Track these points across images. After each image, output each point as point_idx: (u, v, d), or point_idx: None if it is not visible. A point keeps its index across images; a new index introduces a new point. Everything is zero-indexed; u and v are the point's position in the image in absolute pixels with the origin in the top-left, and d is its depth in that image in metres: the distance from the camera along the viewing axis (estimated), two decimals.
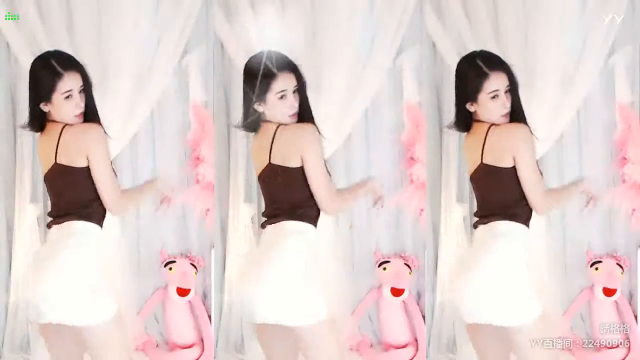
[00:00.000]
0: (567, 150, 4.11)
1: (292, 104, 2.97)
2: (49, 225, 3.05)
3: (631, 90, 4.07)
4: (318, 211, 3.04)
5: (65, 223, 3.00)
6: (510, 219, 3.05)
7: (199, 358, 4.08)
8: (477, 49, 3.90)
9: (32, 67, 3.02)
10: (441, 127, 4.10)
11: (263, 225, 3.08)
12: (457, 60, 4.00)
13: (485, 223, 3.09)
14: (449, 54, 4.02)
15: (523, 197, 3.05)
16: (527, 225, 3.09)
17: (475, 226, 3.15)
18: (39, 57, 3.06)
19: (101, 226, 3.04)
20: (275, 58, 3.02)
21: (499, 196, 3.06)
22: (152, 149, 4.13)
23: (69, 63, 3.00)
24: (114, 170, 3.05)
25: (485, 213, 3.10)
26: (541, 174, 3.08)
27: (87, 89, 3.01)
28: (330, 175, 3.06)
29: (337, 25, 4.01)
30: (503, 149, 3.00)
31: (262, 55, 3.02)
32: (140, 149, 4.11)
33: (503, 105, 3.01)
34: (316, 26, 4.04)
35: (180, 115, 4.12)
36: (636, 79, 4.06)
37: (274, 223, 3.03)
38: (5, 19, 3.96)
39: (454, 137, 3.98)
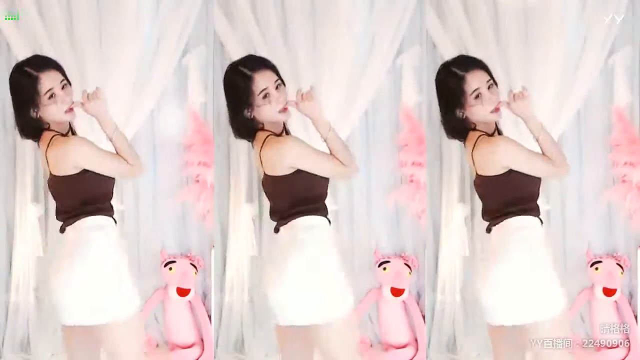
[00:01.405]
0: (567, 150, 4.10)
1: (277, 100, 2.97)
2: (62, 229, 3.04)
3: (630, 90, 4.07)
4: (324, 206, 3.05)
5: (77, 222, 2.99)
6: (522, 214, 3.04)
7: (199, 358, 4.08)
8: (477, 49, 3.94)
9: (10, 80, 3.01)
10: (441, 127, 4.09)
11: (276, 230, 3.08)
12: None
13: (497, 224, 3.08)
14: (449, 54, 4.02)
15: (526, 196, 3.05)
16: (540, 220, 3.08)
17: (488, 230, 3.14)
18: (13, 68, 3.04)
19: (114, 219, 3.03)
20: (247, 60, 3.02)
21: (502, 199, 3.06)
22: (152, 149, 4.13)
23: (42, 63, 2.99)
24: (106, 153, 3.03)
25: (494, 215, 3.09)
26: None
27: (68, 81, 3.00)
28: (324, 153, 3.04)
29: (337, 25, 4.01)
30: (489, 162, 3.00)
31: (234, 64, 3.04)
32: (140, 149, 4.10)
33: (489, 100, 3.00)
34: (316, 26, 4.04)
35: (180, 115, 4.12)
36: (635, 79, 4.07)
37: (285, 224, 3.03)
38: (5, 19, 3.96)
39: None
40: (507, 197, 3.03)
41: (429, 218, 4.06)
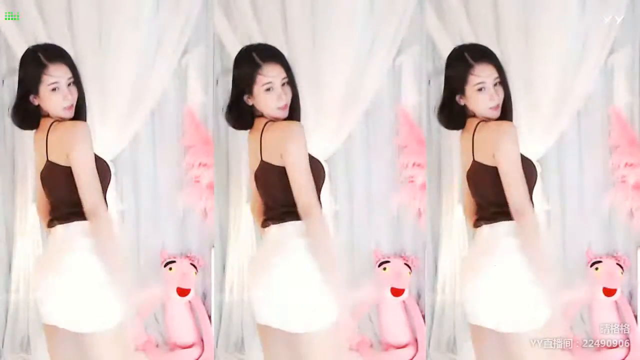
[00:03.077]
0: (567, 151, 4.11)
1: (279, 96, 2.92)
2: (50, 224, 3.01)
3: (630, 90, 4.07)
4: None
5: (72, 223, 2.95)
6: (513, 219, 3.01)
7: (199, 358, 4.08)
8: None
9: (20, 60, 3.00)
10: (440, 127, 4.09)
11: (265, 224, 3.05)
12: None
13: (488, 223, 3.05)
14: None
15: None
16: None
17: (476, 225, 3.12)
18: (28, 49, 3.01)
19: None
20: (262, 49, 3.00)
21: (496, 194, 3.04)
22: (152, 149, 4.13)
23: (55, 55, 2.95)
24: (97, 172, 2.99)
25: (487, 213, 3.07)
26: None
27: (77, 81, 2.97)
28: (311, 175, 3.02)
29: (337, 25, 4.01)
30: (489, 147, 2.98)
31: (250, 47, 3.01)
32: (140, 149, 4.11)
33: (490, 97, 2.96)
34: (316, 26, 4.04)
35: (180, 115, 4.12)
36: (635, 80, 4.07)
37: (279, 223, 2.99)
38: (6, 19, 3.96)
39: (454, 136, 3.98)
40: (499, 191, 3.00)
41: (428, 218, 4.06)
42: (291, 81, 2.98)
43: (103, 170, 2.99)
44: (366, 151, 4.15)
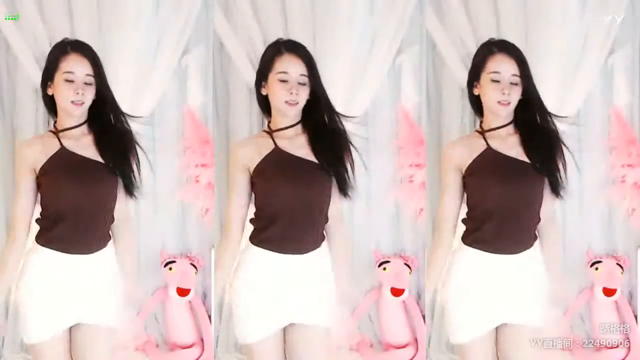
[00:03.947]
0: (567, 150, 4.11)
1: (290, 90, 2.83)
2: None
3: (630, 90, 4.07)
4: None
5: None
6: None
7: (199, 358, 4.08)
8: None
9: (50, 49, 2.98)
10: (440, 127, 4.10)
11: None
12: (457, 60, 4.00)
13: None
14: (449, 55, 4.02)
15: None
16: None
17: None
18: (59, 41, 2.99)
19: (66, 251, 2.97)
20: (291, 42, 2.94)
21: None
22: (152, 149, 4.12)
23: (81, 47, 2.90)
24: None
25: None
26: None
27: (99, 84, 2.91)
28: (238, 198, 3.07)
29: (337, 25, 4.02)
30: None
31: (280, 39, 2.95)
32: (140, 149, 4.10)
33: (502, 91, 2.88)
34: (316, 26, 4.04)
35: (180, 115, 4.12)
36: (635, 80, 4.07)
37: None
38: (6, 19, 3.97)
39: (454, 136, 3.99)
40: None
41: (428, 218, 4.06)
42: (313, 85, 2.90)
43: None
44: (366, 151, 4.14)
